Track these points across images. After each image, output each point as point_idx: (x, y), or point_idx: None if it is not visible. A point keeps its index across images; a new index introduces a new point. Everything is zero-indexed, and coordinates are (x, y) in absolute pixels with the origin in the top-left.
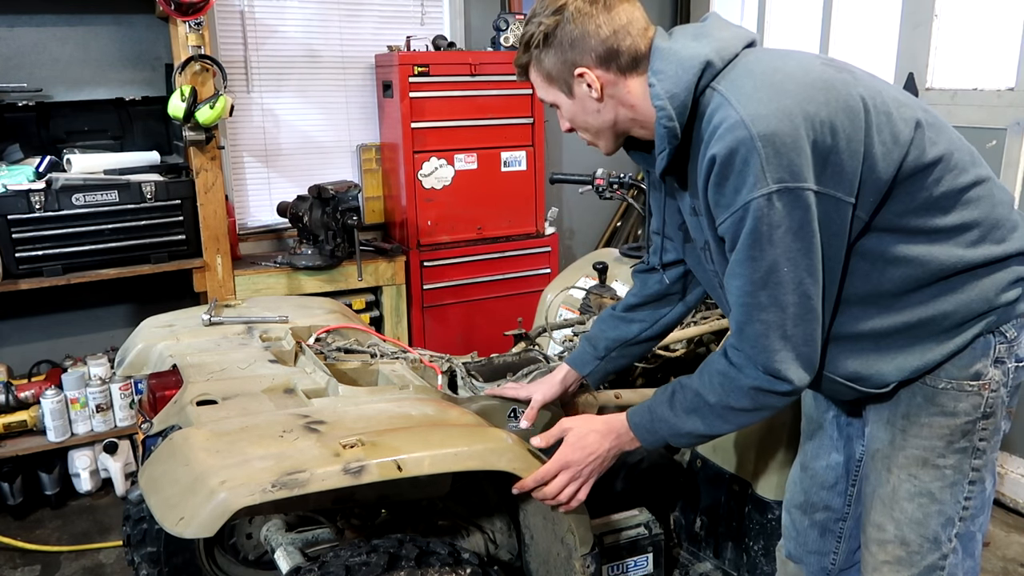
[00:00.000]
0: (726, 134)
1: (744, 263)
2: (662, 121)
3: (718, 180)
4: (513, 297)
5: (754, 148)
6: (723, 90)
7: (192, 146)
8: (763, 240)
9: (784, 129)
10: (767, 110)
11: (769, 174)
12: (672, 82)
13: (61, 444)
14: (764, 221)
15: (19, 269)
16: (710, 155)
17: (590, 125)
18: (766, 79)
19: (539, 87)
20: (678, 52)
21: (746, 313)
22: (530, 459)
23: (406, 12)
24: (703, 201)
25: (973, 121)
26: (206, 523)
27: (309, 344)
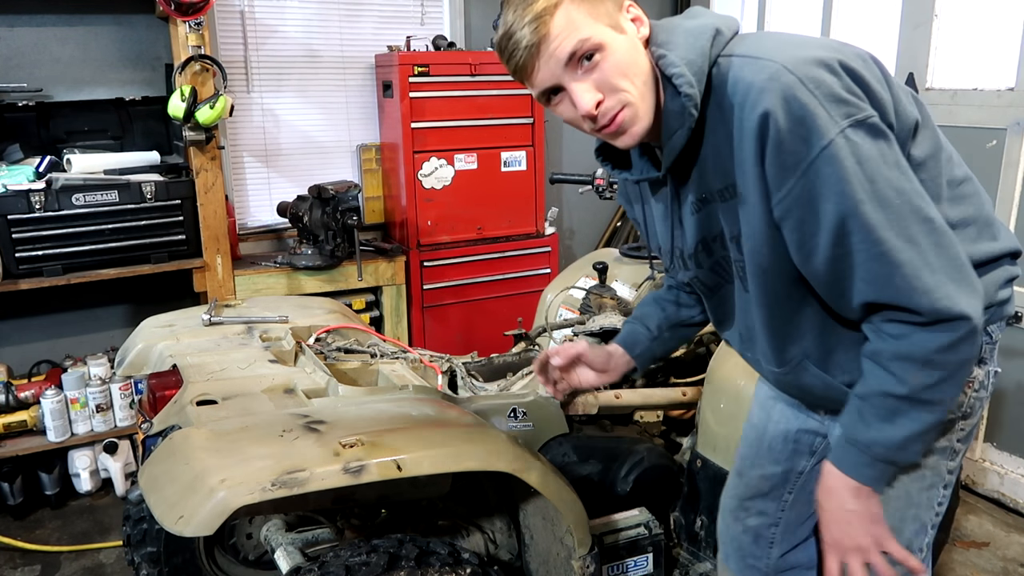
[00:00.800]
0: (770, 85)
1: (851, 216)
2: (683, 88)
3: (779, 139)
4: (513, 297)
5: (807, 91)
6: (743, 52)
7: (192, 146)
8: (861, 179)
9: (824, 70)
10: (803, 55)
11: (833, 112)
12: (685, 48)
13: (61, 444)
14: (853, 159)
15: (19, 269)
16: (759, 113)
17: (640, 70)
18: (783, 38)
19: (574, 26)
20: (682, 25)
21: (877, 268)
22: (530, 460)
23: (406, 12)
24: (754, 177)
25: (973, 121)
26: (206, 522)
27: (309, 344)
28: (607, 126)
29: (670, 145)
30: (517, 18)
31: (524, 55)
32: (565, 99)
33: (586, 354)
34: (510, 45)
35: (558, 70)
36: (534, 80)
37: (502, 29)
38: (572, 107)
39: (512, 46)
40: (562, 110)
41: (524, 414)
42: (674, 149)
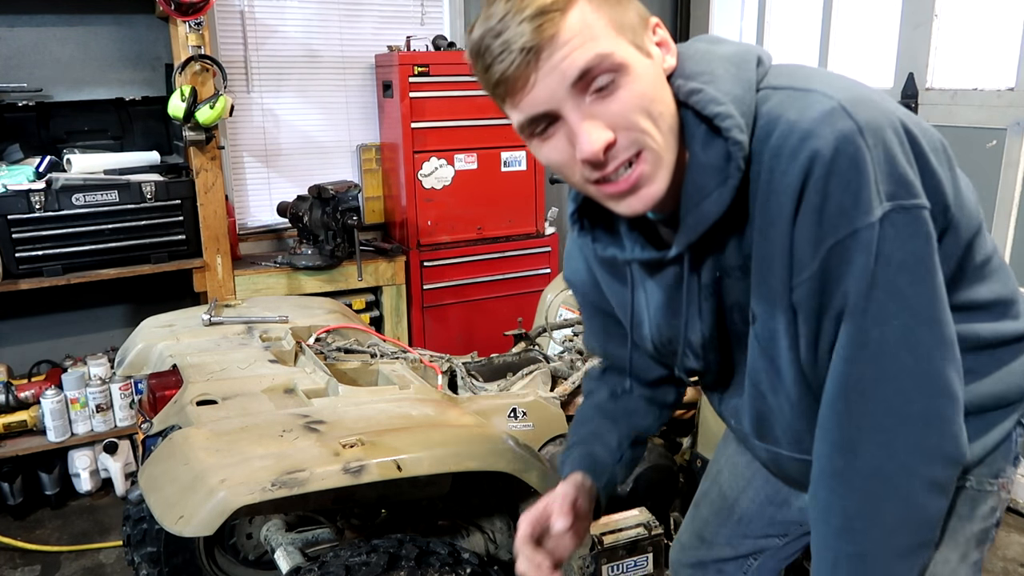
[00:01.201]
0: (821, 127)
1: (857, 318)
2: (731, 132)
3: (822, 196)
4: (513, 297)
5: (865, 146)
6: (787, 83)
7: (192, 146)
8: (882, 283)
9: (889, 119)
10: (864, 95)
11: (882, 185)
12: (729, 80)
13: (61, 444)
14: (880, 256)
15: (19, 269)
16: (805, 158)
17: (667, 110)
18: (831, 73)
19: (591, 34)
20: (714, 51)
21: (870, 394)
22: (530, 460)
23: (406, 12)
24: (784, 240)
25: (973, 121)
26: (205, 522)
27: (309, 344)
28: (614, 179)
29: (700, 213)
30: (512, 9)
31: (517, 62)
32: (559, 134)
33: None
34: (496, 45)
35: (560, 90)
36: (522, 99)
37: (484, 24)
38: (567, 146)
39: (499, 47)
40: (550, 150)
41: (524, 414)
42: (706, 218)
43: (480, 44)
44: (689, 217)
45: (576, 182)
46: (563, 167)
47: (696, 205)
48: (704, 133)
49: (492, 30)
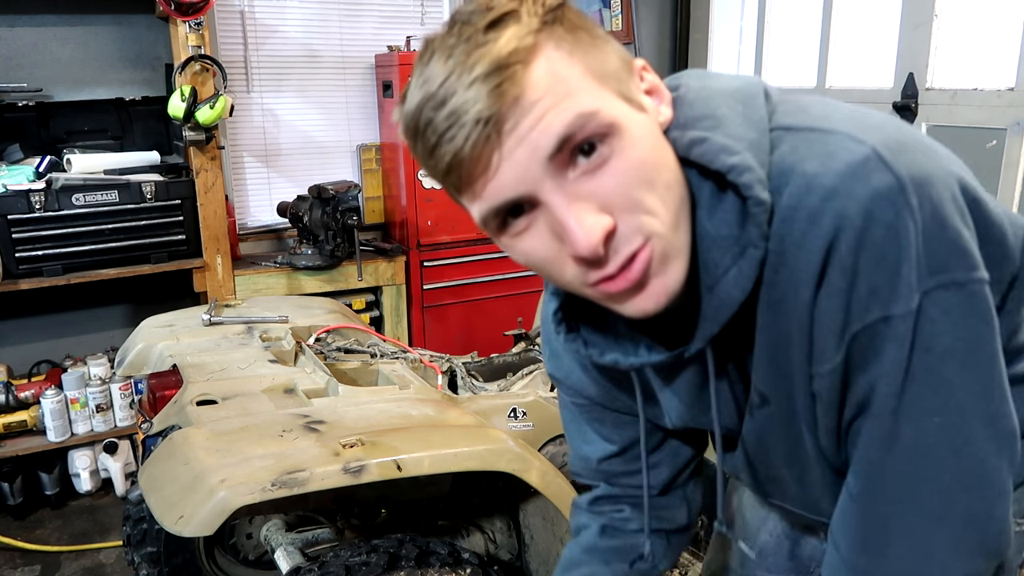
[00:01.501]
0: (851, 182)
1: (884, 418)
2: (752, 190)
3: (850, 277)
4: (513, 297)
5: (905, 208)
6: (805, 122)
7: (192, 146)
8: (920, 374)
9: (939, 171)
10: (902, 137)
11: (927, 258)
12: (737, 123)
13: (61, 444)
14: (919, 343)
15: (19, 269)
16: (830, 223)
17: (671, 176)
18: (854, 110)
19: (565, 88)
20: (711, 87)
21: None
22: (529, 460)
23: (406, 12)
24: (801, 323)
25: (973, 121)
26: (205, 522)
27: (309, 344)
28: (614, 276)
29: (717, 298)
30: (457, 68)
31: (472, 138)
32: (537, 225)
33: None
34: (440, 119)
35: (534, 168)
36: (484, 187)
37: (422, 89)
38: (550, 240)
39: (446, 121)
40: (529, 247)
41: (524, 414)
42: (726, 304)
43: (419, 119)
44: (705, 304)
45: (567, 283)
46: (548, 266)
47: (710, 289)
48: (710, 193)
49: (433, 98)
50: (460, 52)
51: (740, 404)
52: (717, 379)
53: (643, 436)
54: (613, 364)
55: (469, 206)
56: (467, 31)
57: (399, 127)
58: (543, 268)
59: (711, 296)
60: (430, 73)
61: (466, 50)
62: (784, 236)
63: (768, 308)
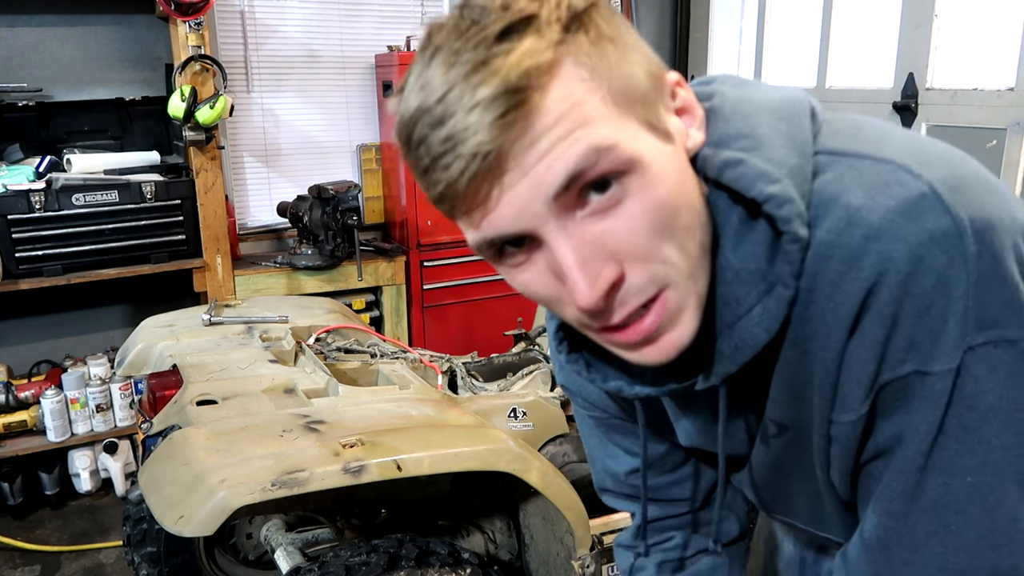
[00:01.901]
0: (901, 222)
1: (910, 474)
2: (790, 225)
3: (889, 327)
4: (513, 297)
5: (959, 257)
6: (853, 147)
7: (192, 146)
8: (955, 431)
9: (1004, 216)
10: (964, 174)
11: (978, 311)
12: (782, 145)
13: (61, 444)
14: (958, 399)
15: (19, 269)
16: (872, 266)
17: (694, 213)
18: (908, 136)
19: (582, 115)
20: (748, 99)
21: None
22: (529, 460)
23: (406, 12)
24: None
25: (973, 121)
26: (205, 522)
27: (309, 344)
28: (620, 328)
29: (737, 336)
30: (460, 79)
31: (470, 172)
32: (537, 260)
33: None
34: (436, 142)
35: (536, 206)
36: (481, 218)
37: (420, 95)
38: (551, 280)
39: (441, 146)
40: (527, 281)
41: (524, 414)
42: (746, 344)
43: (413, 131)
44: (722, 342)
45: (568, 320)
46: (549, 304)
47: (730, 325)
48: (738, 222)
49: (429, 113)
50: (465, 62)
51: (752, 431)
52: (732, 412)
53: (644, 464)
54: (617, 391)
55: (464, 230)
56: (476, 35)
57: (393, 123)
58: (543, 303)
59: (731, 333)
60: (430, 78)
61: (472, 61)
62: (817, 274)
63: (792, 347)
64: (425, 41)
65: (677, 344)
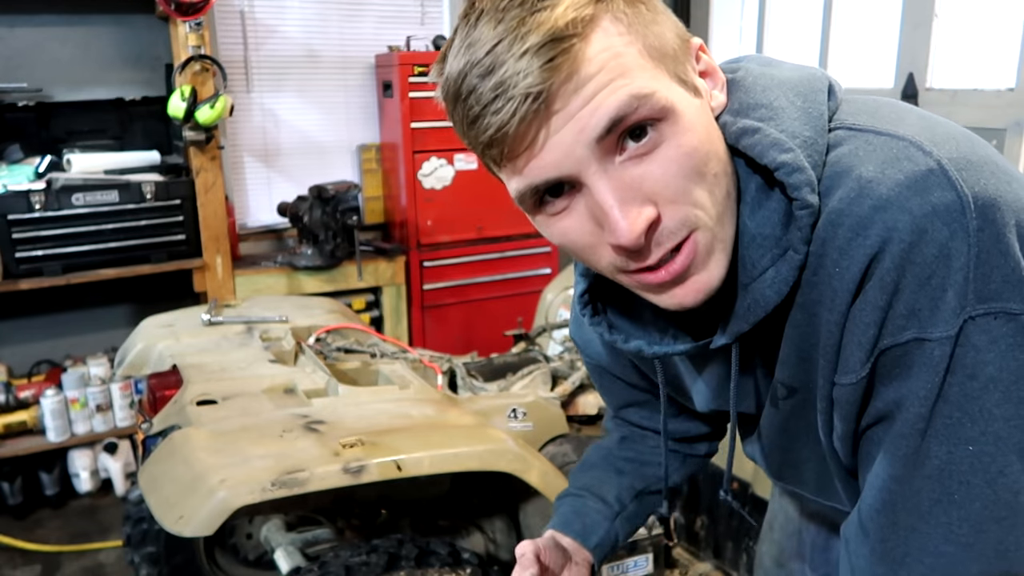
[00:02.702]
0: (907, 195)
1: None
2: (800, 192)
3: (890, 293)
4: (513, 297)
5: (961, 230)
6: (871, 124)
7: (192, 146)
8: (957, 399)
9: (1008, 196)
10: (974, 155)
11: (978, 283)
12: (797, 117)
13: (61, 444)
14: (958, 368)
15: (19, 269)
16: (877, 235)
17: (721, 166)
18: (928, 117)
19: (622, 66)
20: (770, 75)
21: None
22: (529, 460)
23: (406, 12)
24: (831, 331)
25: (973, 121)
26: (205, 522)
27: (309, 344)
28: (655, 268)
29: (751, 297)
30: (507, 34)
31: (520, 113)
32: (577, 206)
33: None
34: (487, 89)
35: (580, 149)
36: (527, 163)
37: (467, 54)
38: (589, 224)
39: (492, 92)
40: (566, 228)
41: (524, 414)
42: (759, 305)
43: (461, 84)
44: (739, 302)
45: (602, 268)
46: (584, 250)
47: (745, 287)
48: (756, 188)
49: (479, 64)
50: (512, 17)
51: (763, 393)
52: (744, 371)
53: (663, 425)
54: (637, 351)
55: (507, 180)
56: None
57: (437, 89)
58: (579, 251)
59: (745, 294)
60: (477, 36)
61: (519, 15)
62: (827, 240)
63: (801, 309)
64: (468, 8)
65: (706, 286)
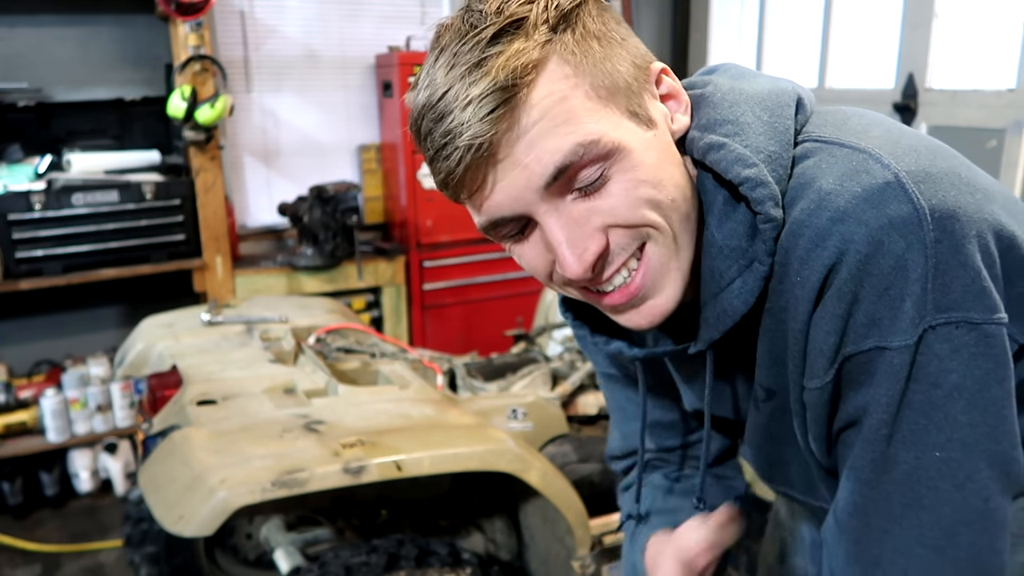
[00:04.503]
0: (863, 207)
1: (878, 443)
2: (763, 206)
3: (848, 303)
4: (513, 297)
5: (917, 241)
6: (835, 136)
7: (192, 146)
8: (922, 406)
9: (969, 208)
10: (935, 168)
11: (937, 293)
12: (762, 132)
13: (61, 444)
14: (920, 377)
15: (19, 269)
16: (833, 246)
17: (678, 187)
18: (898, 129)
19: (569, 113)
20: (739, 90)
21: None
22: (529, 460)
23: (406, 12)
24: (796, 337)
25: (973, 121)
26: (205, 522)
27: (309, 344)
28: (609, 293)
29: (719, 307)
30: (457, 80)
31: (466, 161)
32: (534, 235)
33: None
34: (437, 134)
35: (529, 194)
36: (480, 202)
37: (427, 92)
38: (545, 252)
39: (441, 138)
40: (525, 253)
41: (524, 414)
42: (726, 315)
43: (420, 124)
44: (707, 310)
45: (562, 290)
46: (542, 276)
47: (715, 296)
48: (723, 202)
49: (433, 109)
50: (463, 64)
51: (746, 397)
52: (724, 375)
53: (643, 421)
54: (617, 353)
55: (469, 211)
56: (473, 39)
57: (408, 119)
58: (537, 276)
59: (715, 303)
60: (435, 76)
61: (468, 62)
62: (789, 250)
63: (770, 315)
64: (434, 41)
65: (661, 310)
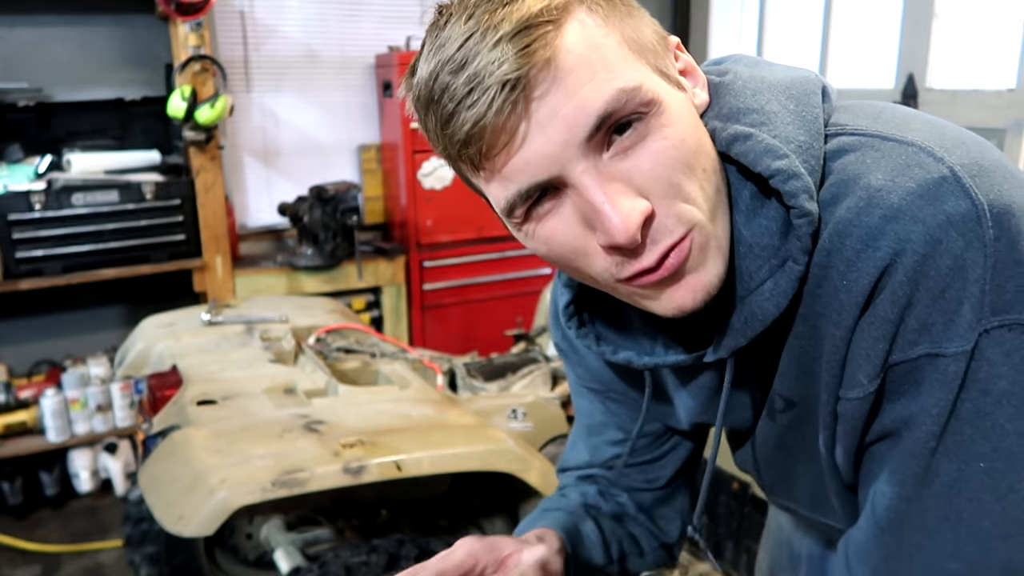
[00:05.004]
0: (920, 204)
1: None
2: (797, 199)
3: (902, 307)
4: (513, 297)
5: (977, 240)
6: (875, 128)
7: (192, 146)
8: (969, 415)
9: (1022, 202)
10: (986, 161)
11: (994, 295)
12: (790, 122)
13: (61, 444)
14: (971, 383)
15: (19, 269)
16: (888, 247)
17: (710, 163)
18: (930, 120)
19: (603, 59)
20: (759, 78)
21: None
22: (529, 460)
23: (406, 12)
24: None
25: (973, 121)
26: (205, 522)
27: (309, 344)
28: (654, 269)
29: (748, 310)
30: (479, 27)
31: (496, 104)
32: (561, 210)
33: None
34: (459, 84)
35: (570, 149)
36: (508, 162)
37: (437, 54)
38: (578, 227)
39: (466, 85)
40: (552, 233)
41: (524, 414)
42: (756, 318)
43: (433, 85)
44: (736, 315)
45: (594, 275)
46: (573, 257)
47: (742, 299)
48: (750, 196)
49: (451, 61)
50: (482, 11)
51: (758, 406)
52: (737, 385)
53: (637, 429)
54: (626, 363)
55: (486, 187)
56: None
57: (407, 100)
58: (567, 259)
59: (742, 307)
60: (447, 35)
61: (489, 9)
62: (832, 251)
63: (803, 321)
64: (436, 16)
65: (705, 286)
